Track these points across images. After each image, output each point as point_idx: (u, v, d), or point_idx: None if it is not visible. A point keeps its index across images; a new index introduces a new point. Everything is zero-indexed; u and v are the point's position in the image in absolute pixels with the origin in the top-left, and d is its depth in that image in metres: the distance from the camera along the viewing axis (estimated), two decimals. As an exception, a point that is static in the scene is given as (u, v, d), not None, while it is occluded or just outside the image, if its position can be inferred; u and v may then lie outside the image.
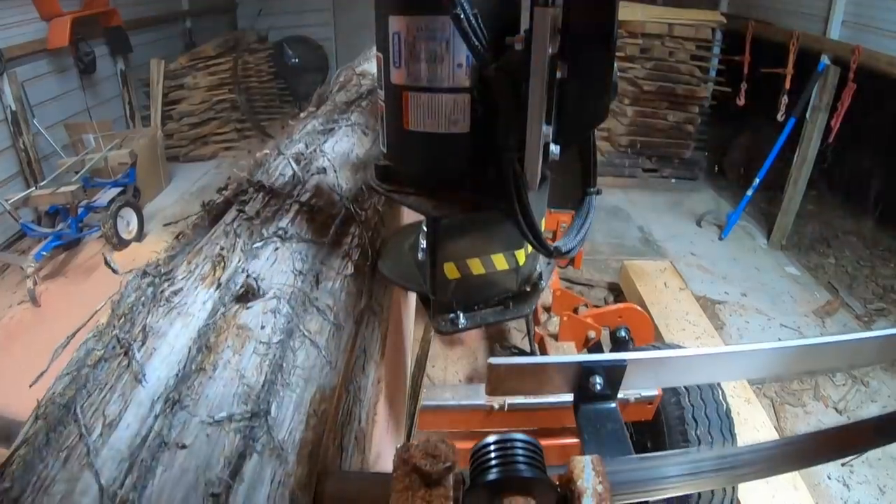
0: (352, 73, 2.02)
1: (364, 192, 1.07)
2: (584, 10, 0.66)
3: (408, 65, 0.76)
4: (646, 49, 5.16)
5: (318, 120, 1.46)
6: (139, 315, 0.66)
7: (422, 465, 0.57)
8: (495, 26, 0.69)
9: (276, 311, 0.69)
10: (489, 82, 0.72)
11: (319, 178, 1.05)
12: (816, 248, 4.97)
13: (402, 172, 0.85)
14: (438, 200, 0.82)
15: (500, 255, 0.94)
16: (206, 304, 0.68)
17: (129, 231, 4.53)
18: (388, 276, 1.05)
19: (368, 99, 1.65)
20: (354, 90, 1.77)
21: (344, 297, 0.84)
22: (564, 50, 0.67)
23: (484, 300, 0.96)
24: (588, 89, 0.71)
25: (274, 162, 1.11)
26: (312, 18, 7.94)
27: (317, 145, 1.19)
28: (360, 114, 1.54)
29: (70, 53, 5.34)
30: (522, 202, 0.73)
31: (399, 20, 0.75)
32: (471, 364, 3.03)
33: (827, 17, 4.56)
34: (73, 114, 5.43)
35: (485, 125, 0.77)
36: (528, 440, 0.63)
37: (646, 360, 0.96)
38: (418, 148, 0.80)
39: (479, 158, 0.79)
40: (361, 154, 1.30)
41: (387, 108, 0.82)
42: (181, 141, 6.14)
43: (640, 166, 5.58)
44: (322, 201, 1.00)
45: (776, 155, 4.68)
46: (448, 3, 0.64)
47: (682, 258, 4.45)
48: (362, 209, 1.01)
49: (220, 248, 0.78)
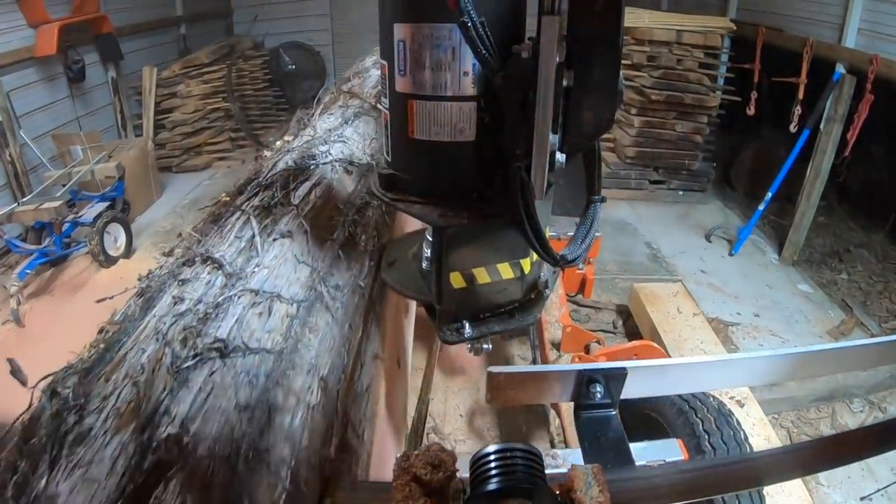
0: (338, 93, 1.85)
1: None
2: (589, 17, 0.66)
3: (413, 73, 0.75)
4: (653, 57, 4.98)
5: (292, 155, 1.28)
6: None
7: (422, 475, 0.57)
8: (501, 34, 0.68)
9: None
10: (495, 90, 0.72)
11: (267, 271, 0.84)
12: (828, 263, 4.84)
13: (407, 181, 0.83)
14: (444, 209, 0.80)
15: (506, 263, 0.92)
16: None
17: (117, 247, 4.37)
18: (393, 286, 1.04)
19: (354, 126, 1.48)
20: (339, 114, 1.60)
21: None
22: (571, 58, 0.67)
23: (489, 309, 0.95)
24: (594, 97, 0.70)
25: (229, 222, 0.93)
26: (309, 24, 7.77)
27: (286, 191, 1.02)
28: (343, 145, 1.37)
29: (59, 61, 5.19)
30: (529, 211, 0.72)
31: (405, 28, 0.74)
32: (472, 396, 2.86)
33: (842, 24, 4.39)
34: (62, 123, 5.28)
35: (491, 133, 0.76)
36: (528, 449, 0.63)
37: (646, 368, 0.99)
38: (423, 156, 0.79)
39: (485, 167, 0.79)
40: (343, 199, 1.13)
41: (391, 116, 0.80)
42: (174, 151, 5.97)
43: (647, 178, 5.40)
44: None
45: (789, 168, 4.51)
46: (455, 12, 0.64)
47: (691, 276, 4.28)
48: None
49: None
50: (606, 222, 4.86)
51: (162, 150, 5.98)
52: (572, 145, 0.73)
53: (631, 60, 5.01)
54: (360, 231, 1.03)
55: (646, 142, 5.18)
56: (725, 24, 5.12)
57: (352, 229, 1.01)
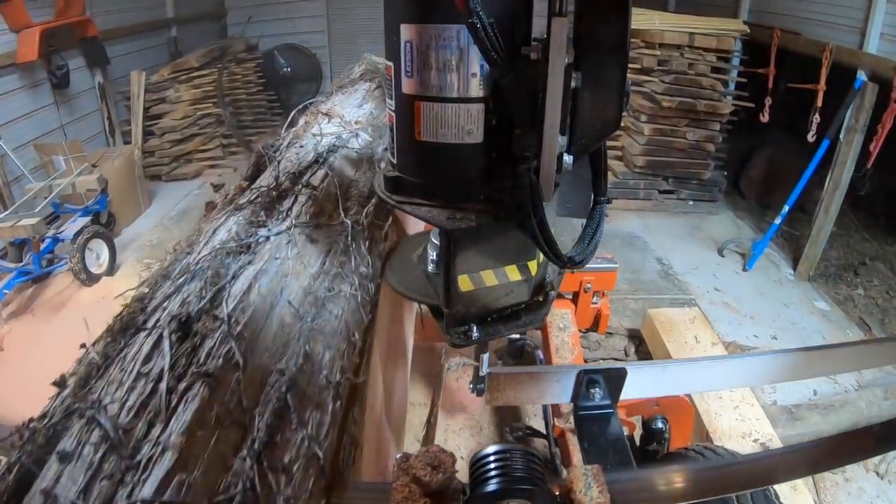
0: (315, 115, 1.60)
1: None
2: (597, 17, 0.66)
3: (420, 74, 0.74)
4: (664, 61, 4.75)
5: (238, 217, 1.01)
6: None
7: (421, 476, 0.58)
8: (510, 35, 0.68)
9: None
10: (504, 92, 0.71)
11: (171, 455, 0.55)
12: (843, 277, 4.67)
13: (413, 183, 0.82)
14: (452, 212, 0.80)
15: (514, 266, 0.92)
16: None
17: (100, 264, 4.15)
18: (399, 290, 1.03)
19: (327, 166, 1.23)
20: (311, 148, 1.35)
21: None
22: (578, 59, 0.68)
23: (497, 312, 0.95)
24: (602, 98, 0.71)
25: (136, 340, 0.68)
26: (305, 25, 7.52)
27: (221, 285, 0.77)
28: (307, 200, 1.07)
29: (42, 67, 4.97)
30: (538, 213, 0.72)
31: (412, 28, 0.73)
32: (474, 437, 2.64)
33: (864, 28, 4.17)
34: (46, 132, 5.06)
35: (498, 135, 0.75)
36: (527, 450, 0.64)
37: (646, 368, 1.02)
38: (430, 159, 0.79)
39: (493, 169, 0.78)
40: (298, 298, 0.87)
41: (398, 117, 0.79)
42: (163, 159, 5.73)
43: (656, 188, 5.17)
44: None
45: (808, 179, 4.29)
46: (464, 12, 0.64)
47: (705, 294, 4.07)
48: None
49: None
50: (616, 236, 4.64)
51: (151, 158, 5.75)
52: (580, 146, 0.73)
53: (640, 65, 4.78)
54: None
55: (656, 150, 4.94)
56: (739, 26, 4.89)
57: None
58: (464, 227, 0.79)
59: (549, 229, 0.74)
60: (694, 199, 5.25)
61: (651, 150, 4.92)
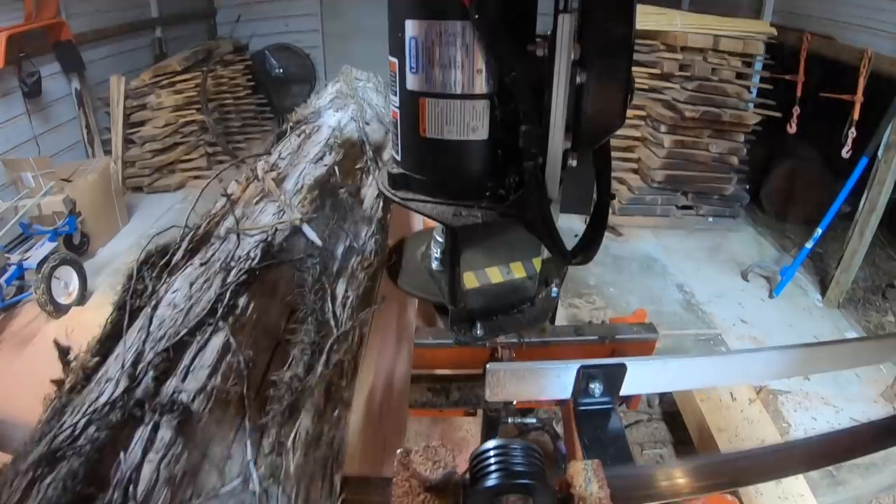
0: (251, 175, 1.22)
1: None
2: (602, 13, 0.66)
3: (425, 70, 0.74)
4: (685, 65, 4.36)
5: (177, 294, 0.74)
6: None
7: (421, 471, 0.59)
8: (516, 32, 0.69)
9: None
10: (509, 88, 0.71)
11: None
12: (872, 302, 4.37)
13: (418, 180, 0.82)
14: (457, 209, 0.79)
15: (519, 263, 0.92)
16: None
17: (69, 293, 3.79)
18: (404, 288, 1.05)
19: (228, 329, 0.75)
20: (277, 211, 1.00)
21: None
22: (583, 55, 0.67)
23: (502, 309, 0.95)
24: (607, 94, 0.70)
25: None
26: (298, 25, 7.11)
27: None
28: (256, 291, 0.78)
29: (12, 75, 4.60)
30: (544, 209, 0.73)
31: (417, 25, 0.72)
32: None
33: (908, 34, 3.78)
34: (18, 144, 4.69)
35: (503, 132, 0.75)
36: (527, 445, 0.63)
37: (645, 364, 1.08)
38: (435, 155, 0.79)
39: (498, 166, 0.78)
40: None
41: (402, 114, 0.79)
42: (144, 169, 5.35)
43: (675, 203, 4.79)
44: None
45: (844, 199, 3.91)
46: (470, 9, 0.64)
47: (731, 328, 3.72)
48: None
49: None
50: (632, 259, 4.28)
51: (132, 169, 5.38)
52: (584, 143, 0.73)
53: (661, 69, 4.39)
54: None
55: (676, 164, 4.55)
56: (765, 28, 4.50)
57: None
58: (469, 224, 0.78)
59: (555, 226, 0.74)
60: (714, 215, 4.88)
61: (671, 163, 4.53)
